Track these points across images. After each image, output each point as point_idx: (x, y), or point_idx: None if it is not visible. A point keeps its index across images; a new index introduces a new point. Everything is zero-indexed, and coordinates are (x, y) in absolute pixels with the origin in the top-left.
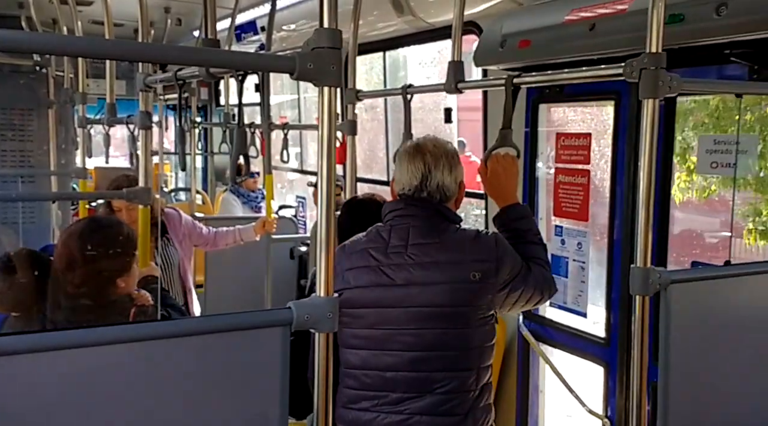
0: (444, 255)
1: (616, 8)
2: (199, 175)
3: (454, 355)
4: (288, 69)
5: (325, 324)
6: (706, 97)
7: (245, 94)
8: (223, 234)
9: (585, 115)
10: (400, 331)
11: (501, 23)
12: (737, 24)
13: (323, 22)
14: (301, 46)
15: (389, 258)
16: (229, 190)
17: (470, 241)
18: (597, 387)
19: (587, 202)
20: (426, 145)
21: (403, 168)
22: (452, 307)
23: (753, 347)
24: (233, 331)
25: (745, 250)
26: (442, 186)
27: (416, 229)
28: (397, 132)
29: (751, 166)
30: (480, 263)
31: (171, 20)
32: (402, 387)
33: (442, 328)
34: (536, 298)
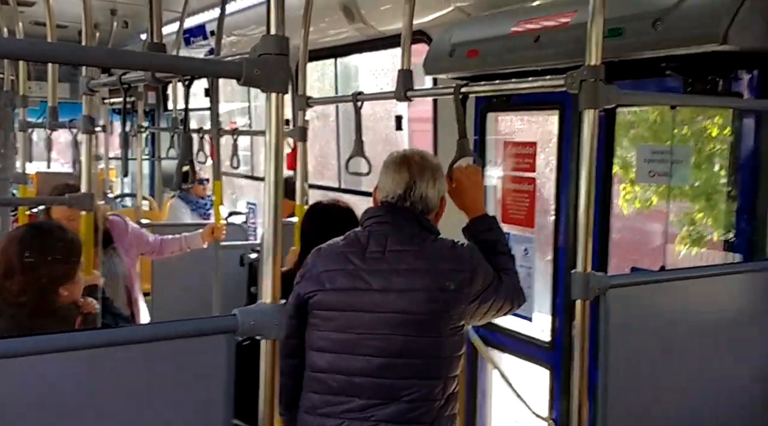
0: (421, 263)
1: (559, 21)
2: (146, 180)
3: (422, 364)
4: (234, 74)
5: (271, 330)
6: (645, 110)
7: (196, 99)
8: (169, 242)
9: (531, 125)
10: (371, 335)
11: (450, 33)
12: (672, 39)
13: (270, 28)
14: (249, 51)
15: (367, 263)
16: (177, 197)
17: (446, 251)
18: (544, 390)
19: (533, 209)
20: (413, 157)
21: (389, 176)
22: (425, 314)
23: (688, 348)
24: (177, 338)
25: (682, 256)
26: (426, 197)
27: (394, 236)
28: (348, 139)
29: (685, 176)
30: (455, 273)
31: (117, 23)
32: (368, 393)
33: (412, 336)
34: (506, 308)
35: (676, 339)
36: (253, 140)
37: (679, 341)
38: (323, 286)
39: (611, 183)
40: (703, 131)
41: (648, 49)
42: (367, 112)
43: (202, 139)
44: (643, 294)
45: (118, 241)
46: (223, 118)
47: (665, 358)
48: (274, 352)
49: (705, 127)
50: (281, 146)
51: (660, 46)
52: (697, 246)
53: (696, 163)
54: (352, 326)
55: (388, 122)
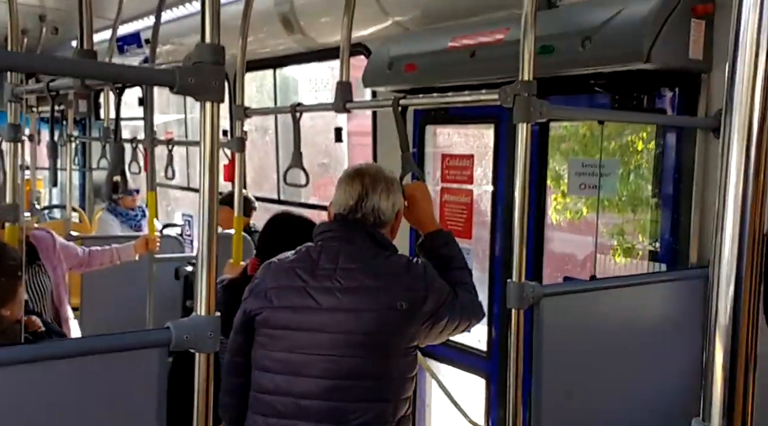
0: (373, 281)
1: (494, 37)
2: (76, 192)
3: (372, 386)
4: (167, 82)
5: (205, 344)
6: (574, 125)
7: (130, 108)
8: (98, 253)
9: (469, 138)
10: (319, 356)
11: (389, 47)
12: (599, 57)
13: (205, 36)
14: (183, 59)
15: (317, 280)
16: (105, 210)
17: (400, 269)
18: (481, 399)
19: (471, 220)
20: (367, 170)
21: (342, 189)
22: (375, 334)
23: (619, 354)
24: (108, 352)
25: (612, 266)
26: (378, 209)
27: (347, 253)
28: (288, 151)
29: (614, 187)
30: (408, 292)
31: (46, 29)
32: (315, 416)
33: (362, 357)
34: (464, 325)
35: (607, 345)
36: (189, 151)
37: (610, 348)
38: (271, 302)
39: (545, 195)
40: (629, 145)
41: (577, 66)
42: (306, 124)
43: (136, 149)
44: (575, 303)
45: (44, 258)
46: (158, 128)
47: (597, 364)
48: (209, 365)
49: (631, 141)
50: (216, 157)
51: (588, 63)
52: (626, 256)
53: (622, 176)
54: (300, 346)
55: (328, 135)
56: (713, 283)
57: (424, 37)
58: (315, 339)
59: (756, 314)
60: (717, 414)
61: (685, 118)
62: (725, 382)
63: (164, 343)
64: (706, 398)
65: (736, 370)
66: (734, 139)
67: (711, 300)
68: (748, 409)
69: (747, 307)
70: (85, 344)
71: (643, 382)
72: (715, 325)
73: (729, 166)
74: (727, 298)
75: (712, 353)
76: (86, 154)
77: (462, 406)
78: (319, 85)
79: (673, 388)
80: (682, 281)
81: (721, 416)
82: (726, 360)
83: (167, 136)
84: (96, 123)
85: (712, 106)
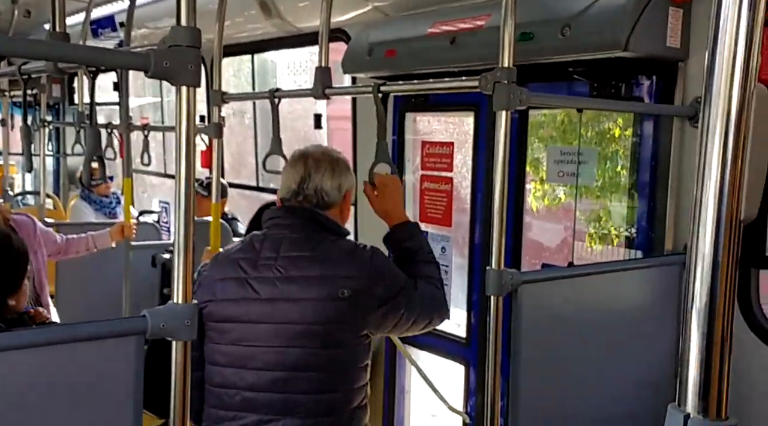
0: (314, 269)
1: (474, 24)
2: (50, 178)
3: (319, 377)
4: (142, 66)
5: (182, 332)
6: (553, 112)
7: (105, 93)
8: (75, 241)
9: (448, 125)
10: (264, 348)
11: (368, 32)
12: (578, 45)
13: (180, 19)
14: (158, 43)
15: (257, 270)
16: (79, 197)
17: (343, 256)
18: (460, 385)
19: (450, 208)
20: (312, 152)
21: (286, 173)
22: (319, 324)
23: (597, 341)
24: (83, 341)
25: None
26: (321, 190)
27: (290, 240)
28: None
29: (591, 175)
30: (350, 280)
31: (18, 11)
32: (262, 409)
33: (307, 348)
34: (423, 322)
35: (585, 331)
36: (166, 136)
37: (588, 334)
38: (215, 295)
39: (524, 182)
40: (606, 132)
41: (556, 53)
42: (285, 110)
43: (111, 134)
44: (553, 289)
45: (26, 242)
46: (134, 113)
47: (575, 351)
48: (186, 353)
49: (608, 129)
50: (193, 142)
51: (567, 51)
52: (603, 243)
53: (600, 163)
54: (245, 339)
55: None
56: (690, 269)
57: (404, 23)
58: (258, 330)
59: (732, 300)
60: (692, 399)
61: (662, 107)
62: (701, 366)
63: (140, 331)
64: (682, 383)
65: (711, 355)
66: (712, 127)
67: (688, 285)
68: (723, 393)
69: (723, 293)
70: (60, 332)
71: (621, 367)
72: (691, 310)
73: (707, 153)
74: (703, 284)
75: (688, 338)
76: (60, 139)
77: (441, 393)
78: (298, 69)
79: (649, 374)
80: (659, 268)
81: (697, 401)
82: (702, 345)
83: (143, 121)
84: (70, 108)
85: (689, 95)
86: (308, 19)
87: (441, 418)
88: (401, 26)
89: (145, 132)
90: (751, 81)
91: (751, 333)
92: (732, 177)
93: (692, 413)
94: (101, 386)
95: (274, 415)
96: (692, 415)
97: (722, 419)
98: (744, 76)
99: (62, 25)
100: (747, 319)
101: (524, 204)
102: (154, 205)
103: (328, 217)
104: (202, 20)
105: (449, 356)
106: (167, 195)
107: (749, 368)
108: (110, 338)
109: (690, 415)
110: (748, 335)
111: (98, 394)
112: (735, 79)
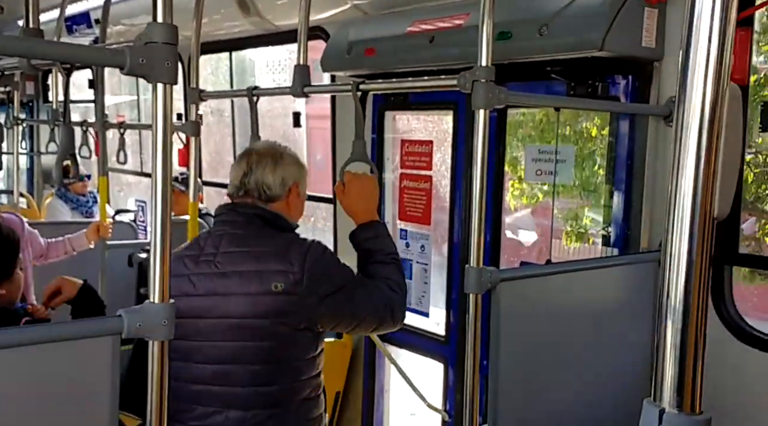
0: (249, 264)
1: (453, 23)
2: (24, 176)
3: (256, 369)
4: (118, 63)
5: (159, 332)
6: (532, 111)
7: (80, 91)
8: (54, 245)
9: (427, 124)
10: (207, 343)
11: (347, 30)
12: (556, 44)
13: (157, 16)
14: (134, 40)
15: (198, 266)
16: (55, 195)
17: (279, 250)
18: (439, 383)
19: (430, 206)
20: (256, 148)
21: (232, 169)
22: (255, 318)
23: (574, 337)
24: (58, 341)
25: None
26: (262, 184)
27: (230, 236)
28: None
29: (569, 174)
30: (283, 274)
31: None
32: (206, 401)
33: (243, 341)
34: (372, 323)
35: (563, 328)
36: (142, 135)
37: (566, 331)
38: None
39: (503, 181)
40: (584, 132)
41: (534, 53)
42: (264, 108)
43: (86, 132)
44: (532, 287)
45: None
46: (110, 111)
47: (553, 347)
48: (163, 353)
49: (586, 128)
50: (169, 140)
51: (545, 50)
52: (580, 241)
53: (577, 162)
54: (189, 334)
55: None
56: (665, 266)
57: (384, 22)
58: (199, 325)
59: (706, 296)
60: (668, 393)
61: (637, 106)
62: (676, 362)
63: (116, 332)
64: (658, 378)
65: (686, 351)
66: (686, 126)
67: (663, 282)
68: (697, 388)
69: (697, 289)
70: (36, 333)
71: (598, 363)
72: (666, 307)
73: (681, 151)
74: (678, 280)
75: (663, 334)
76: (34, 137)
77: (420, 391)
78: (277, 68)
79: (625, 369)
80: (635, 265)
81: (672, 395)
82: (677, 341)
83: (119, 119)
84: (44, 106)
85: (664, 94)
86: (287, 17)
87: (420, 417)
88: (380, 25)
89: (121, 130)
90: (724, 80)
91: (724, 329)
92: (705, 175)
93: (667, 408)
94: (77, 387)
95: (217, 407)
96: (667, 409)
97: (696, 413)
98: (717, 76)
99: (36, 22)
100: (720, 316)
101: (503, 202)
102: (131, 204)
103: (274, 212)
104: (179, 17)
105: (428, 354)
106: (143, 194)
107: (723, 363)
108: (86, 339)
109: (665, 409)
110: (721, 331)
111: (74, 395)
112: (708, 78)
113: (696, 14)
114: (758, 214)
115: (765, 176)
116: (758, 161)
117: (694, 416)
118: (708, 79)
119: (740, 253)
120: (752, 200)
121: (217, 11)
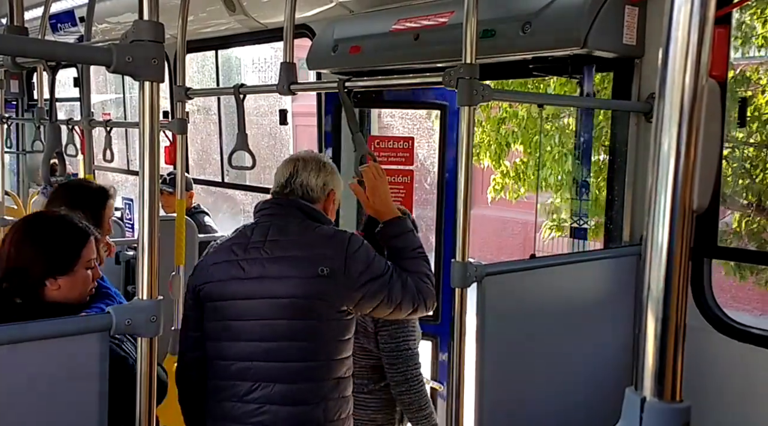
0: (297, 251)
1: (437, 20)
2: (9, 175)
3: (305, 346)
4: (104, 61)
5: (148, 328)
6: (515, 107)
7: (66, 89)
8: None
9: (410, 121)
10: (254, 321)
11: (333, 28)
12: (539, 42)
13: (143, 14)
14: (119, 38)
15: (247, 253)
16: (41, 193)
17: (324, 239)
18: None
19: (411, 199)
20: (302, 154)
21: (277, 172)
22: (302, 299)
23: (558, 328)
24: (47, 338)
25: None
26: (306, 185)
27: (276, 227)
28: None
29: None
30: (329, 260)
31: None
32: (255, 376)
33: (293, 319)
34: (407, 308)
35: (547, 321)
36: (129, 133)
37: (550, 323)
38: (211, 277)
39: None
40: (566, 128)
41: (517, 50)
42: (251, 106)
43: (72, 130)
44: (516, 281)
45: None
46: (96, 109)
47: (537, 339)
48: (151, 350)
49: (567, 124)
50: (156, 138)
51: (528, 48)
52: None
53: (559, 157)
54: (238, 314)
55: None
56: (646, 258)
57: (369, 20)
58: (249, 306)
59: (686, 287)
60: (649, 383)
61: (618, 102)
62: (657, 352)
63: (105, 328)
64: (639, 368)
65: (666, 341)
66: (666, 120)
67: (644, 274)
68: (677, 377)
69: (677, 281)
70: (24, 330)
71: (581, 354)
72: (647, 298)
73: (661, 146)
74: (659, 272)
75: (644, 325)
76: (19, 136)
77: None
78: (263, 66)
79: (608, 359)
80: (617, 258)
81: (653, 385)
82: (657, 331)
83: (105, 117)
84: (29, 104)
85: (645, 91)
86: (272, 15)
87: None
88: (366, 23)
89: (107, 128)
90: (703, 76)
91: (703, 320)
92: (685, 169)
93: (648, 396)
94: (66, 383)
95: (265, 381)
96: (648, 398)
97: (677, 401)
98: (695, 72)
99: (20, 19)
100: (700, 307)
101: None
102: (117, 202)
103: (313, 207)
104: (165, 15)
105: None
106: (130, 192)
107: (702, 353)
108: (75, 335)
109: (646, 398)
110: (700, 322)
111: (63, 392)
112: (687, 74)
113: (675, 12)
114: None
115: (742, 170)
116: (735, 155)
117: (675, 404)
118: (687, 75)
119: (719, 245)
120: (730, 194)
121: (203, 9)
